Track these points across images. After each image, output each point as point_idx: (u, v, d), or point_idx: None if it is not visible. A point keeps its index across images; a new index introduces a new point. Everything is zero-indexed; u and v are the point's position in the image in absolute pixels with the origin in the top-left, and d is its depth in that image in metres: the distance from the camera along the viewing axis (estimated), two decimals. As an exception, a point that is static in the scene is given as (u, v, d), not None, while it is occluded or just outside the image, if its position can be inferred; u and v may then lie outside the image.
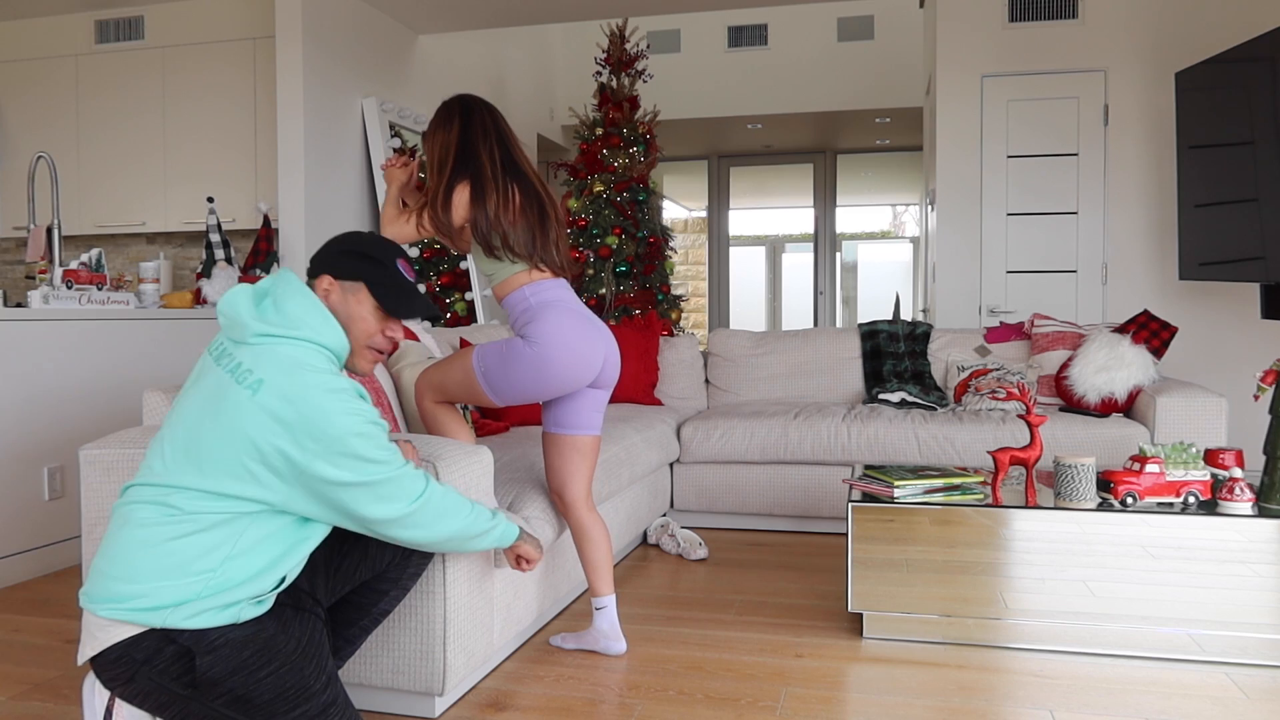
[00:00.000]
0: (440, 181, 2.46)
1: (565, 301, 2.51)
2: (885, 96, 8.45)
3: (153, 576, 1.61)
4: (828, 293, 10.74)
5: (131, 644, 1.62)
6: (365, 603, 2.01)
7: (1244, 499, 2.55)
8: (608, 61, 6.47)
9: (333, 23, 5.31)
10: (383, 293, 1.81)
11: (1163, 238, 5.20)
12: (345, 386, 1.67)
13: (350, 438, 1.63)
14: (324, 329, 1.73)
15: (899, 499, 2.70)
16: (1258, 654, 2.50)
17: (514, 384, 2.45)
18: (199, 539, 1.62)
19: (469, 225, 2.45)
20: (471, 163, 2.45)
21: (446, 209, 2.43)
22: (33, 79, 6.02)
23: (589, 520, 2.63)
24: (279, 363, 1.65)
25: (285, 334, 1.69)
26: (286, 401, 1.62)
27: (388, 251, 1.85)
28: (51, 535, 3.61)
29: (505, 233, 2.43)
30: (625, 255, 6.19)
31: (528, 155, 2.59)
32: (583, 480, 2.61)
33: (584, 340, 2.46)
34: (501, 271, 2.50)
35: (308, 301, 1.74)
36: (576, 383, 2.48)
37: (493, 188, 2.43)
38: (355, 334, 1.81)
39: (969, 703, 2.28)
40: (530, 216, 2.48)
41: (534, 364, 2.42)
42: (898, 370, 4.43)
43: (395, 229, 2.50)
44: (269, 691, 1.66)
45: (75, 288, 3.78)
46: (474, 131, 2.49)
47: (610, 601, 2.63)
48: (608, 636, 2.62)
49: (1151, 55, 5.17)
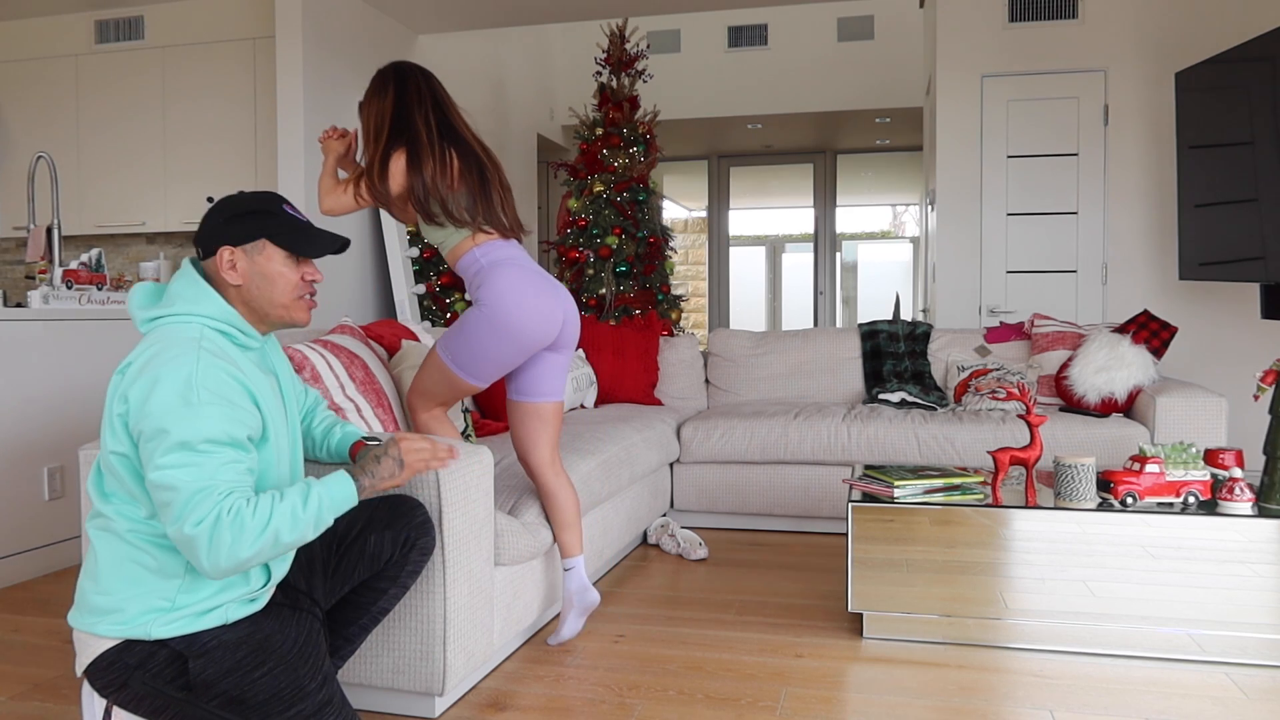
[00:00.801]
0: (376, 150, 2.43)
1: (516, 259, 2.48)
2: (885, 96, 8.45)
3: (125, 588, 1.62)
4: (828, 293, 10.73)
5: (124, 649, 1.63)
6: (364, 601, 2.01)
7: (1244, 499, 2.55)
8: (608, 61, 6.47)
9: (333, 23, 5.30)
10: (286, 240, 1.74)
11: (1163, 238, 5.20)
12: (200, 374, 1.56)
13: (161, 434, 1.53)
14: (198, 300, 1.68)
15: (899, 499, 2.70)
16: (1258, 654, 2.49)
17: (480, 355, 2.43)
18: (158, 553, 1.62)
19: (407, 193, 2.42)
20: (407, 130, 2.42)
21: (384, 178, 2.40)
22: (33, 79, 6.02)
23: (555, 483, 2.64)
24: (153, 344, 1.61)
25: (165, 313, 1.67)
26: (136, 381, 1.57)
27: (270, 200, 1.77)
28: (51, 535, 3.61)
29: (444, 199, 2.41)
30: (625, 255, 6.19)
31: (466, 119, 2.55)
32: (546, 445, 2.62)
33: (538, 296, 2.44)
34: (450, 239, 2.48)
35: (186, 277, 1.71)
36: (539, 340, 2.46)
37: (429, 154, 2.40)
38: (280, 291, 1.75)
39: (969, 703, 2.27)
40: (470, 180, 2.45)
41: (491, 326, 2.40)
42: (898, 370, 4.43)
43: (333, 200, 2.47)
44: (264, 692, 1.66)
45: (75, 288, 3.78)
46: (409, 98, 2.46)
47: (579, 562, 2.65)
48: (580, 593, 2.65)
49: (1151, 55, 5.17)
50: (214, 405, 1.56)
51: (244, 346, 1.73)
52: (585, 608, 2.67)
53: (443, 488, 2.12)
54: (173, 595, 1.62)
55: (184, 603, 1.63)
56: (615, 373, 4.53)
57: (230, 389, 1.60)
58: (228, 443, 1.57)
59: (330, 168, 2.54)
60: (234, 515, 1.53)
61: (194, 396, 1.54)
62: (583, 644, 2.71)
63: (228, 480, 1.55)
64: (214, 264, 1.73)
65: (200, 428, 1.54)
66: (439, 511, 2.12)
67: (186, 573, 1.63)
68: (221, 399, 1.58)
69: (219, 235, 1.72)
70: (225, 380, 1.60)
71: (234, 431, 1.58)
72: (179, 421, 1.53)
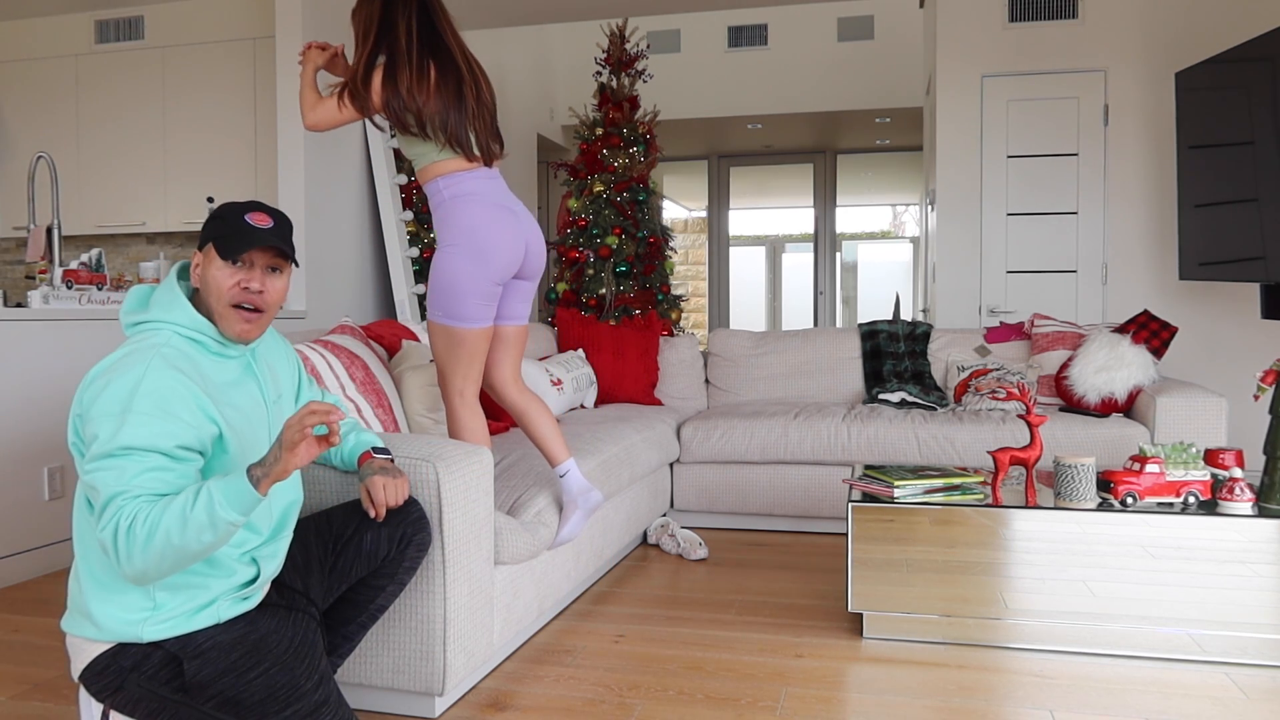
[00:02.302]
0: (360, 57, 2.41)
1: (479, 194, 2.44)
2: (885, 96, 8.44)
3: (107, 592, 1.62)
4: (828, 293, 10.73)
5: (118, 652, 1.63)
6: (362, 600, 2.01)
7: (1244, 499, 2.55)
8: (608, 61, 6.47)
9: (333, 23, 5.30)
10: (221, 245, 1.71)
11: (1163, 238, 5.19)
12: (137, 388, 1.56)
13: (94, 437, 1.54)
14: (169, 308, 1.69)
15: (899, 499, 2.70)
16: (1258, 654, 2.49)
17: (458, 297, 2.42)
18: None
19: (383, 104, 2.39)
20: (388, 36, 2.41)
21: (367, 86, 2.38)
22: (33, 79, 6.02)
23: (521, 400, 2.65)
24: (123, 349, 1.64)
25: (141, 320, 1.70)
26: (91, 385, 1.60)
27: (236, 208, 1.75)
28: (51, 535, 3.61)
29: (419, 109, 2.37)
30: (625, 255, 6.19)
31: (456, 28, 2.52)
32: (508, 367, 2.64)
33: (499, 225, 2.42)
34: (423, 156, 2.45)
35: (165, 285, 1.74)
36: (507, 265, 2.45)
37: (405, 63, 2.38)
38: (214, 296, 1.72)
39: (969, 703, 2.27)
40: (446, 94, 2.40)
41: (459, 266, 2.40)
42: (898, 370, 4.43)
43: (317, 114, 2.43)
44: (259, 692, 1.65)
45: (75, 288, 3.78)
46: (395, 5, 2.44)
47: (572, 464, 2.65)
48: (582, 493, 2.65)
49: (1151, 55, 5.17)
50: (148, 414, 1.55)
51: (219, 355, 1.72)
52: (589, 508, 2.66)
53: (443, 488, 2.12)
54: (152, 595, 1.62)
55: (167, 603, 1.63)
56: (615, 373, 4.53)
57: (173, 399, 1.58)
58: (152, 450, 1.55)
59: (310, 78, 2.49)
60: (130, 521, 1.51)
61: (131, 404, 1.55)
62: (583, 644, 2.71)
63: (142, 486, 1.53)
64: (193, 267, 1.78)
65: (126, 433, 1.53)
66: (439, 511, 2.12)
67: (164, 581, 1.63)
68: (158, 409, 1.56)
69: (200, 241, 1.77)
70: (171, 389, 1.58)
71: (160, 443, 1.55)
72: (109, 426, 1.54)
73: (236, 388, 1.70)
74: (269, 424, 1.78)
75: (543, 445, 2.65)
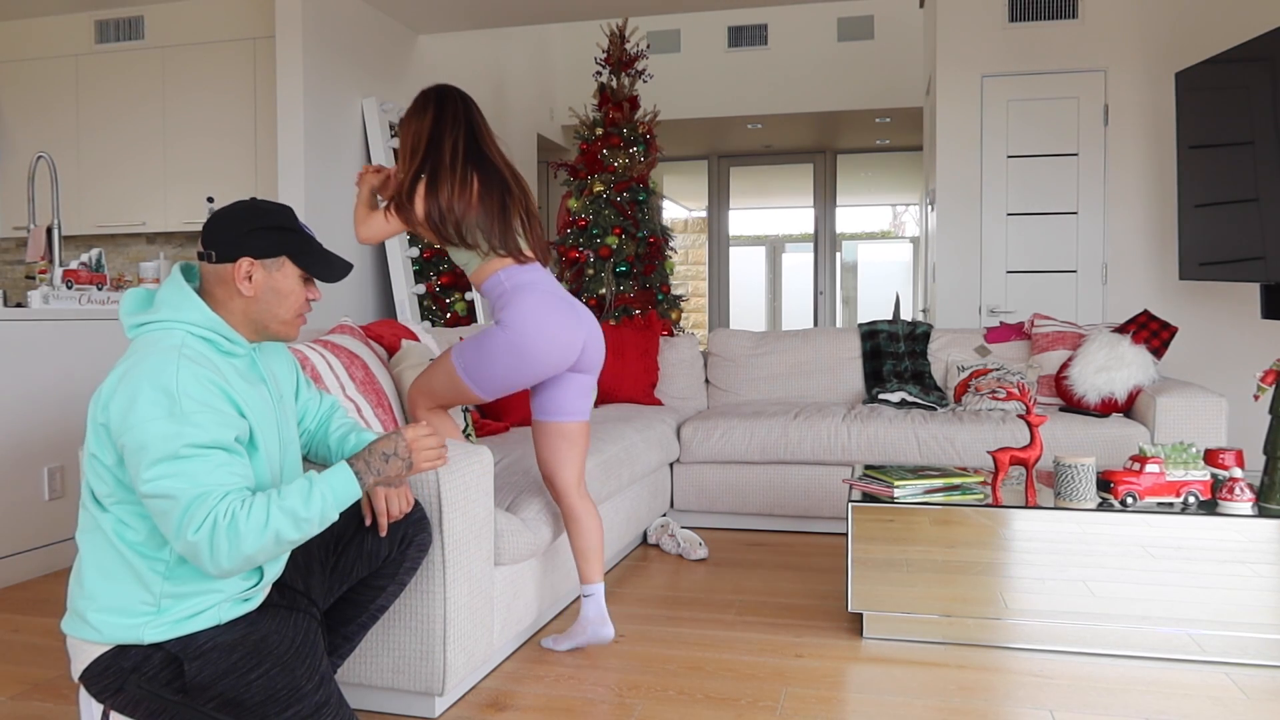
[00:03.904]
0: (408, 172, 2.45)
1: (540, 284, 2.48)
2: (885, 96, 8.45)
3: (112, 593, 1.62)
4: (828, 293, 10.73)
5: (119, 653, 1.62)
6: (363, 600, 2.01)
7: (1244, 499, 2.55)
8: (608, 61, 6.47)
9: (333, 23, 5.30)
10: (307, 261, 1.77)
11: (1163, 238, 5.19)
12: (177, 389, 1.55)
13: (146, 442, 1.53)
14: (181, 308, 1.67)
15: (899, 499, 2.70)
16: (1258, 654, 2.49)
17: (494, 373, 2.44)
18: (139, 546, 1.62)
19: (425, 216, 2.42)
20: (434, 153, 2.45)
21: (411, 200, 2.42)
22: (33, 79, 6.02)
23: (581, 507, 2.62)
24: (136, 351, 1.62)
25: (149, 320, 1.67)
26: (117, 392, 1.58)
27: (290, 216, 1.78)
28: (51, 535, 3.61)
29: (459, 220, 2.41)
30: (625, 255, 6.19)
31: (501, 148, 2.56)
32: (573, 467, 2.60)
33: (561, 323, 2.44)
34: (472, 260, 2.49)
35: (172, 284, 1.70)
36: (556, 366, 2.47)
37: (448, 176, 2.41)
38: (286, 308, 1.76)
39: (969, 703, 2.27)
40: (490, 204, 2.45)
41: (510, 349, 2.41)
42: (898, 370, 4.43)
43: (368, 227, 2.49)
44: (260, 693, 1.65)
45: (75, 288, 3.78)
46: (444, 122, 2.47)
47: (599, 590, 2.63)
48: (595, 623, 2.61)
49: (1151, 55, 5.17)
50: (198, 412, 1.55)
51: (228, 354, 1.72)
52: (596, 639, 2.62)
53: (442, 488, 2.12)
54: (157, 600, 1.62)
55: (171, 606, 1.62)
56: (615, 373, 4.53)
57: (212, 395, 1.59)
58: (215, 446, 1.56)
59: (365, 197, 2.55)
60: (230, 519, 1.52)
61: (176, 406, 1.54)
62: (583, 644, 2.71)
63: (221, 483, 1.55)
64: (229, 270, 1.71)
65: (185, 434, 1.53)
66: (439, 511, 2.12)
67: (169, 577, 1.62)
68: (204, 405, 1.57)
69: (242, 244, 1.71)
70: (207, 386, 1.59)
71: (220, 435, 1.57)
72: (160, 430, 1.52)
73: (250, 387, 1.71)
74: (277, 424, 1.79)
75: (581, 559, 2.62)
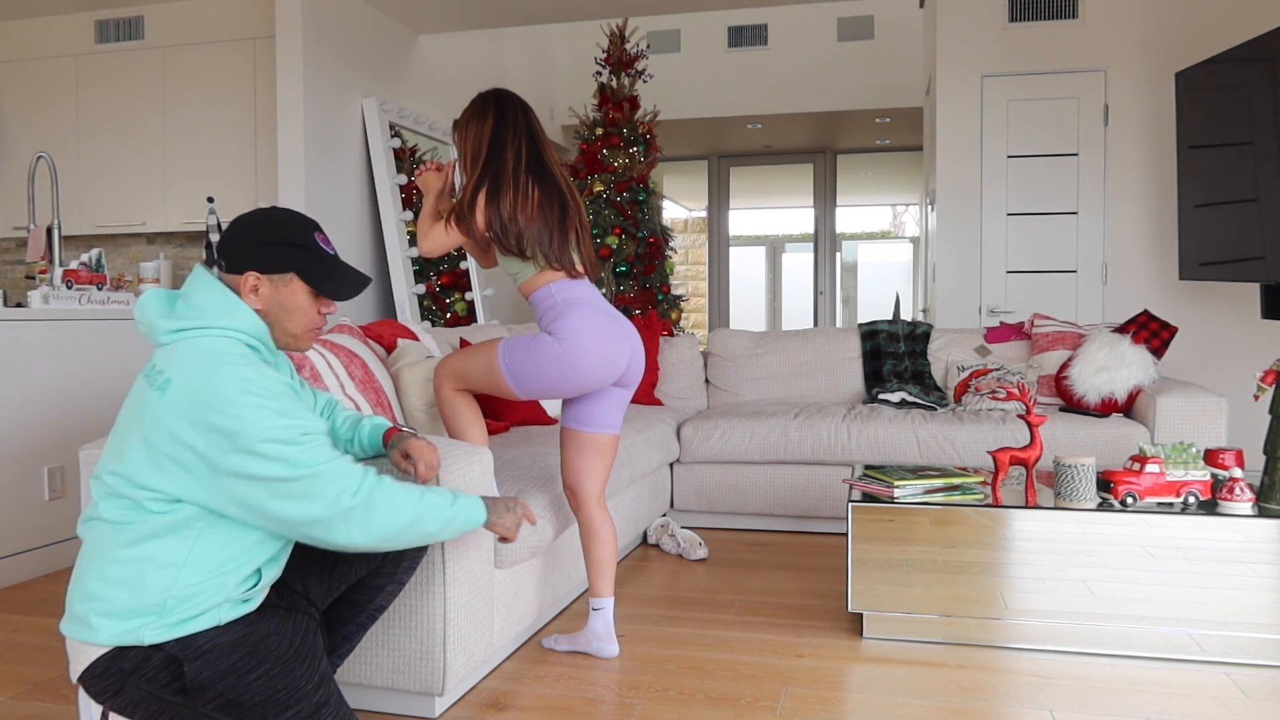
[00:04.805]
0: (469, 181, 2.45)
1: (592, 300, 2.50)
2: (885, 96, 8.44)
3: (116, 597, 1.61)
4: (828, 293, 10.73)
5: (118, 654, 1.62)
6: (361, 599, 2.01)
7: (1244, 499, 2.55)
8: (608, 61, 6.47)
9: (333, 23, 5.30)
10: (315, 278, 1.76)
11: (1163, 238, 5.19)
12: (256, 377, 1.60)
13: (257, 433, 1.57)
14: (233, 314, 1.68)
15: (899, 499, 2.70)
16: (1258, 654, 2.49)
17: (539, 378, 2.44)
18: (148, 549, 1.61)
19: (486, 225, 2.42)
20: (497, 160, 2.44)
21: (473, 210, 2.42)
22: (33, 79, 6.02)
23: (599, 519, 2.62)
24: (188, 358, 1.61)
25: (194, 325, 1.65)
26: (193, 398, 1.57)
27: (305, 230, 1.77)
28: (51, 535, 3.61)
29: (521, 230, 2.42)
30: (625, 255, 6.19)
31: (556, 157, 2.57)
32: (598, 478, 2.61)
33: (611, 339, 2.46)
34: (525, 271, 2.49)
35: (213, 290, 1.69)
36: (601, 381, 2.48)
37: (510, 184, 2.41)
38: (296, 323, 1.77)
39: (969, 703, 2.27)
40: (549, 216, 2.45)
41: (561, 361, 2.41)
42: (898, 370, 4.43)
43: (430, 239, 2.48)
44: (260, 694, 1.65)
45: (75, 288, 3.78)
46: (505, 129, 2.47)
47: (609, 604, 2.62)
48: (601, 638, 2.61)
49: (1151, 55, 5.17)
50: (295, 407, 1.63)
51: (265, 361, 1.74)
52: (599, 653, 2.62)
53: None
54: (162, 601, 1.61)
55: (174, 607, 1.62)
56: (615, 373, 4.52)
57: (290, 394, 1.65)
58: (320, 433, 1.65)
59: (431, 208, 2.54)
60: (381, 484, 1.66)
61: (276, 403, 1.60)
62: (583, 644, 2.71)
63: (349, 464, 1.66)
64: (236, 281, 1.73)
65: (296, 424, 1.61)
66: (439, 511, 2.11)
67: (177, 580, 1.62)
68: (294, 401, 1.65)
69: (250, 258, 1.72)
70: (282, 388, 1.64)
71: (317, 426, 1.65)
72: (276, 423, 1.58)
73: None
74: None
75: (593, 572, 2.62)
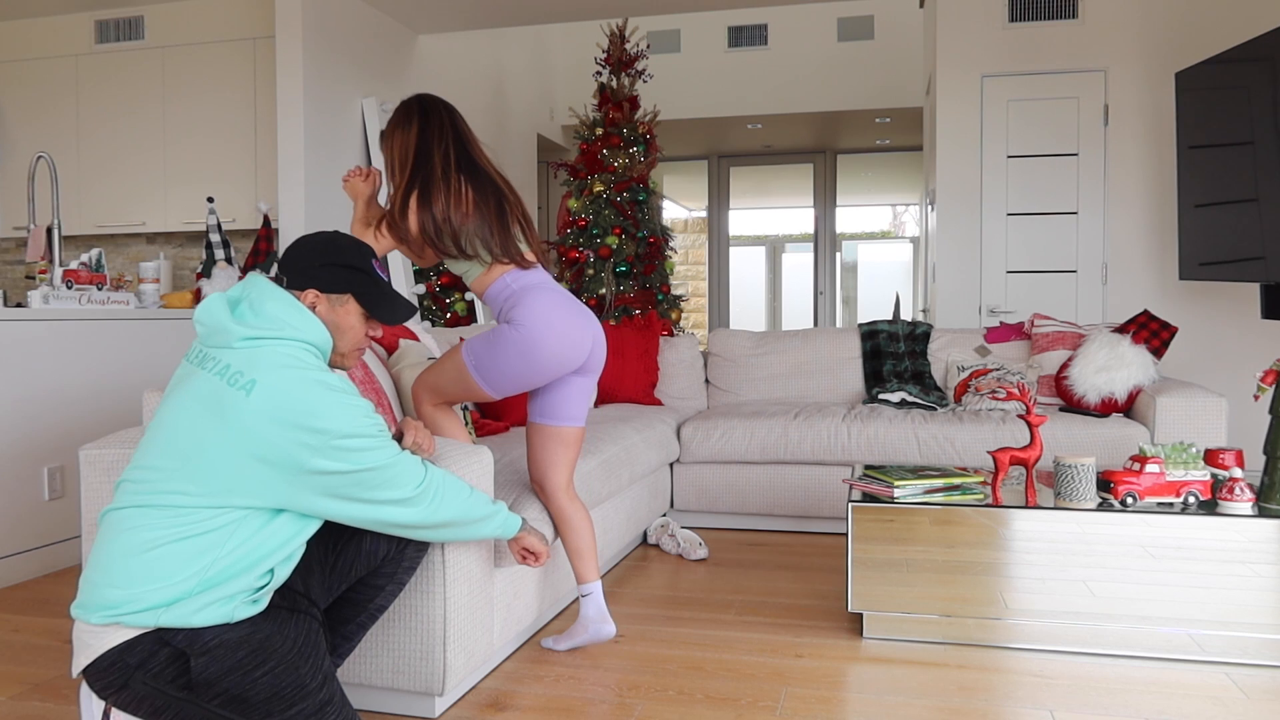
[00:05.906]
0: (399, 188, 2.43)
1: (547, 284, 2.49)
2: (885, 96, 8.45)
3: (144, 580, 1.61)
4: (828, 293, 10.73)
5: (125, 649, 1.62)
6: (362, 599, 2.01)
7: (1244, 499, 2.55)
8: (608, 61, 6.47)
9: (333, 23, 5.30)
10: (370, 302, 1.87)
11: (1163, 238, 5.20)
12: (336, 382, 1.71)
13: (346, 430, 1.67)
14: (306, 326, 1.76)
15: (899, 499, 2.70)
16: (1258, 654, 2.49)
17: (505, 371, 2.43)
18: (193, 543, 1.62)
19: (419, 230, 2.39)
20: (424, 165, 2.42)
21: (404, 217, 2.39)
22: (33, 79, 6.02)
23: (570, 508, 2.62)
24: (269, 363, 1.67)
25: (270, 335, 1.71)
26: (283, 400, 1.64)
27: (364, 255, 1.88)
28: (51, 535, 3.61)
29: (456, 230, 2.39)
30: (625, 255, 6.19)
31: (489, 155, 2.55)
32: (564, 470, 2.61)
33: (570, 320, 2.44)
34: (473, 269, 2.48)
35: (284, 301, 1.76)
36: (566, 364, 2.46)
37: (440, 186, 2.39)
38: (346, 342, 1.87)
39: (969, 703, 2.27)
40: (486, 211, 2.43)
41: (522, 346, 2.40)
42: (898, 370, 4.43)
43: None
44: (264, 691, 1.66)
45: (75, 288, 3.78)
46: (430, 132, 2.45)
47: (596, 588, 2.63)
48: (595, 622, 2.62)
49: (1151, 55, 5.17)
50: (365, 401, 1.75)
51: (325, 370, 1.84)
52: (597, 637, 2.63)
53: (443, 488, 2.12)
54: (196, 581, 1.62)
55: (203, 587, 1.62)
56: (615, 373, 4.53)
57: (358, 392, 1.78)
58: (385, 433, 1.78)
59: (361, 213, 2.53)
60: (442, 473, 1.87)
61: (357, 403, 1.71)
62: (583, 644, 2.71)
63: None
64: (300, 299, 1.82)
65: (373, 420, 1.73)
66: (439, 511, 2.12)
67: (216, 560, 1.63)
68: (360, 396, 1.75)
69: (313, 276, 1.83)
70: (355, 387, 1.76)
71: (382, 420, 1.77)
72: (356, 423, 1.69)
73: None
74: None
75: (575, 559, 2.62)
